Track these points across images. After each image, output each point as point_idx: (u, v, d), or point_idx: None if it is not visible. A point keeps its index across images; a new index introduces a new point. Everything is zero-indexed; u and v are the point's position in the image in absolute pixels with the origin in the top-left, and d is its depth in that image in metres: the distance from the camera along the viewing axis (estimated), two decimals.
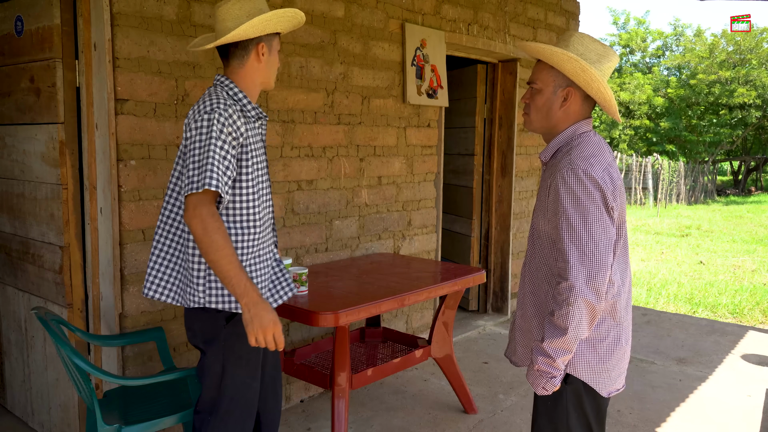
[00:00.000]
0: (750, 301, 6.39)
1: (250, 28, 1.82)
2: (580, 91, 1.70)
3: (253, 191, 1.86)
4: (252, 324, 1.72)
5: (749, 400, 3.58)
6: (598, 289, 1.54)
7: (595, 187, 1.56)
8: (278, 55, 1.98)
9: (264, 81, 1.94)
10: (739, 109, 21.67)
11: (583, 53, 1.66)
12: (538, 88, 1.72)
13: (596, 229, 1.56)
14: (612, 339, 1.69)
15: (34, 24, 2.65)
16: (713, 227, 13.11)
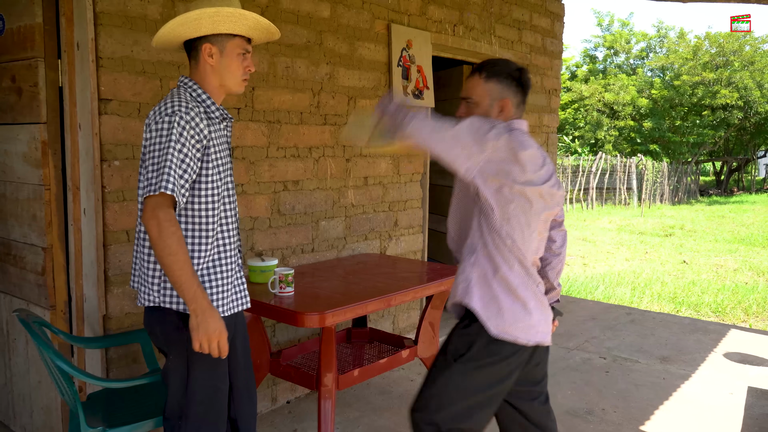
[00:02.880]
0: (732, 300, 6.47)
1: (178, 27, 1.82)
2: (513, 100, 1.87)
3: (213, 194, 1.84)
4: (197, 331, 1.72)
5: (731, 397, 3.62)
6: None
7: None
8: (250, 57, 1.92)
9: (223, 84, 1.90)
10: (721, 111, 21.93)
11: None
12: (474, 102, 1.88)
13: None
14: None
15: (15, 23, 2.62)
16: (696, 227, 13.26)
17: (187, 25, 1.81)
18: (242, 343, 2.07)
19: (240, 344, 2.05)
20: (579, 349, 4.40)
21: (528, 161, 1.75)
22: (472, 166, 1.74)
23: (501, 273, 1.83)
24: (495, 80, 1.86)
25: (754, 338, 4.81)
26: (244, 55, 1.90)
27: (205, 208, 1.83)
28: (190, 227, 1.83)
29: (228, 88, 1.91)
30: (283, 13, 3.17)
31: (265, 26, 1.90)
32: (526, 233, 1.82)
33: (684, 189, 22.25)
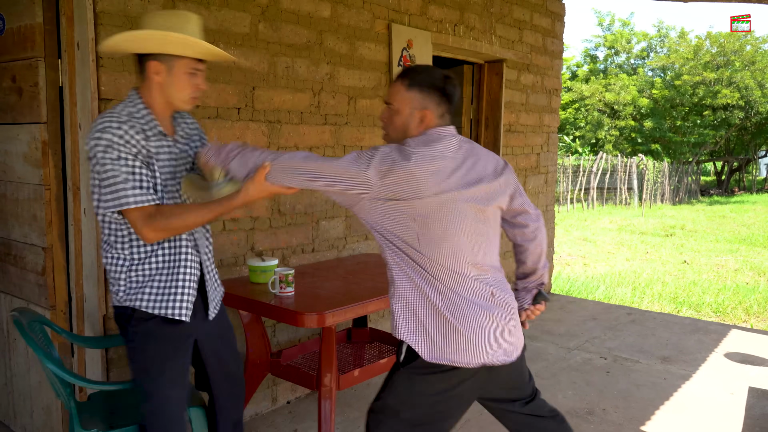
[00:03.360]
0: (733, 300, 6.46)
1: (124, 43, 1.79)
2: (436, 111, 1.79)
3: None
4: (248, 192, 1.75)
5: (732, 397, 3.62)
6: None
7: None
8: (201, 75, 1.87)
9: (169, 101, 1.85)
10: (722, 110, 21.92)
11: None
12: (395, 109, 1.82)
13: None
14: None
15: (15, 23, 2.62)
16: (697, 227, 13.26)
17: (134, 42, 1.78)
18: (217, 350, 2.05)
19: (213, 351, 2.03)
20: (580, 349, 4.40)
21: (428, 177, 1.66)
22: (361, 207, 1.72)
23: (426, 298, 1.75)
24: (417, 89, 1.78)
25: (755, 338, 4.80)
26: (193, 74, 1.85)
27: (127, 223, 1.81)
28: (120, 236, 1.82)
29: (173, 105, 1.87)
30: (283, 12, 3.17)
31: (216, 53, 1.86)
32: (446, 244, 1.71)
33: (685, 189, 22.24)
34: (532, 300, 2.06)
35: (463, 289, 1.74)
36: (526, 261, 2.04)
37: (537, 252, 2.03)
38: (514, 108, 5.07)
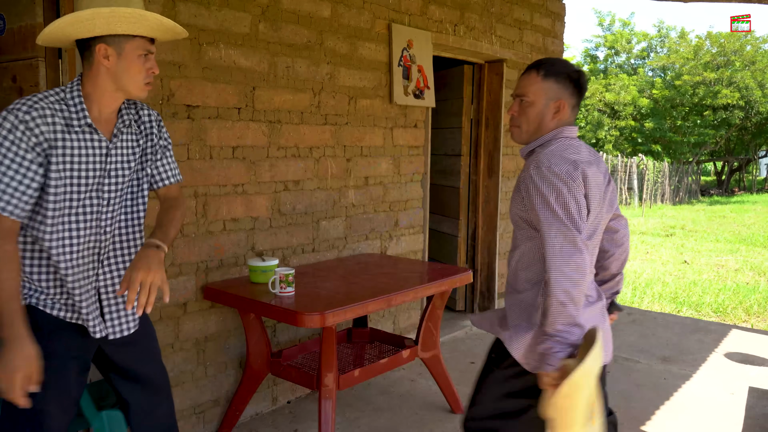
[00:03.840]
0: (733, 300, 6.46)
1: (68, 27, 1.62)
2: (569, 102, 1.80)
3: (47, 207, 1.64)
4: (0, 360, 1.55)
5: (732, 397, 3.62)
6: (571, 276, 1.59)
7: (559, 180, 1.66)
8: (153, 58, 1.72)
9: (121, 88, 1.69)
10: (722, 110, 21.91)
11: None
12: (530, 101, 1.81)
13: (559, 223, 1.64)
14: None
15: (16, 22, 2.62)
16: (697, 227, 13.26)
17: (79, 25, 1.61)
18: (127, 364, 1.88)
19: (120, 369, 1.87)
20: None
21: (584, 190, 1.72)
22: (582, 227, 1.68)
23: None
24: (553, 79, 1.78)
25: (756, 338, 4.80)
26: (146, 56, 1.69)
27: (36, 211, 1.66)
28: (28, 238, 1.69)
29: (128, 92, 1.71)
30: (283, 12, 3.17)
31: (170, 27, 1.70)
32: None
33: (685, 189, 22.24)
34: (607, 310, 2.02)
35: (588, 289, 1.81)
36: (611, 266, 2.00)
37: (622, 258, 2.01)
38: None
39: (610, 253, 1.97)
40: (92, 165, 1.70)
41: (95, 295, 1.78)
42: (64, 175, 1.65)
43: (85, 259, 1.73)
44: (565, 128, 1.80)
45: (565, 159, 1.70)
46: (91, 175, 1.70)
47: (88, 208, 1.72)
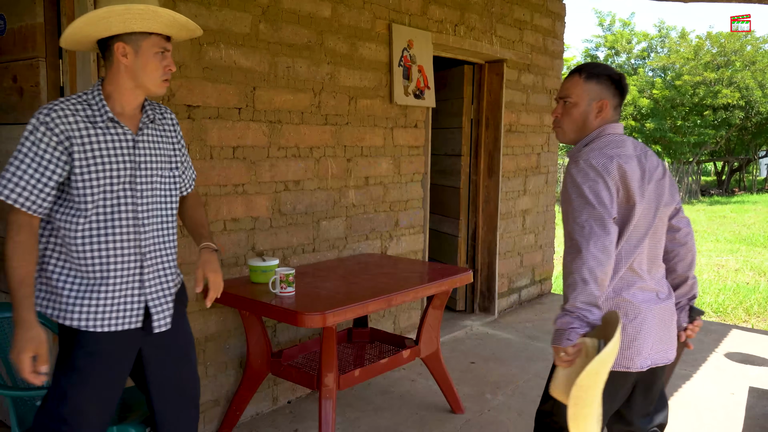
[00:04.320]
0: (733, 300, 6.46)
1: (85, 27, 1.68)
2: (612, 102, 1.88)
3: (80, 201, 1.70)
4: (12, 344, 1.65)
5: (732, 397, 3.62)
6: (597, 256, 1.64)
7: (593, 171, 1.73)
8: (169, 55, 1.78)
9: (139, 85, 1.75)
10: (723, 110, 21.90)
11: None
12: (573, 102, 1.89)
13: (591, 208, 1.69)
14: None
15: (16, 23, 2.63)
16: (697, 227, 13.25)
17: (95, 24, 1.67)
18: (167, 369, 1.91)
19: (161, 370, 1.89)
20: None
21: (624, 184, 1.77)
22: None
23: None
24: (595, 81, 1.88)
25: (756, 338, 4.80)
26: (162, 53, 1.76)
27: (67, 213, 1.72)
28: (54, 233, 1.75)
29: (146, 89, 1.77)
30: (284, 12, 3.17)
31: (183, 23, 1.76)
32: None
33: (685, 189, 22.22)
34: (688, 317, 2.02)
35: (659, 285, 1.93)
36: (677, 268, 1.99)
37: (688, 259, 1.99)
38: (515, 108, 5.08)
39: (674, 253, 1.98)
40: (120, 158, 1.75)
41: (140, 288, 1.82)
42: (93, 169, 1.70)
43: (127, 252, 1.78)
44: (609, 126, 1.88)
45: (603, 153, 1.76)
46: (122, 167, 1.75)
47: (122, 200, 1.76)
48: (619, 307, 1.80)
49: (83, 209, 1.70)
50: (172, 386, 1.93)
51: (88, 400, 1.77)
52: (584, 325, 1.65)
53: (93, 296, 1.74)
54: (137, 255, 1.80)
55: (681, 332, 2.01)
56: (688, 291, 2.01)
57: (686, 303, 2.02)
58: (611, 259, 1.65)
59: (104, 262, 1.74)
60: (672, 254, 1.98)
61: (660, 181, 1.87)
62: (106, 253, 1.74)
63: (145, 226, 1.80)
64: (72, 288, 1.74)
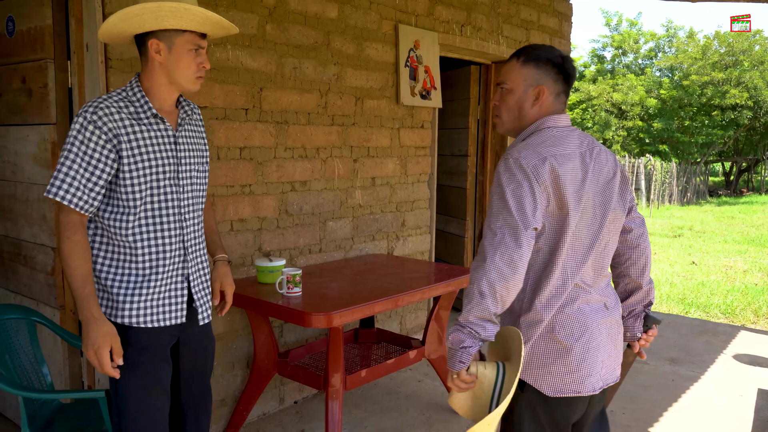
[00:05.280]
0: (742, 301, 6.42)
1: (120, 23, 1.70)
2: (552, 88, 1.68)
3: (128, 198, 1.73)
4: (82, 341, 1.68)
5: (741, 399, 3.60)
6: (501, 269, 1.48)
7: (521, 173, 1.54)
8: (203, 53, 1.79)
9: (173, 82, 1.77)
10: (731, 110, 21.79)
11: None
12: (508, 88, 1.70)
13: (508, 214, 1.52)
14: (553, 339, 1.61)
15: (25, 24, 2.64)
16: (705, 228, 13.18)
17: (129, 20, 1.70)
18: (194, 361, 1.97)
19: (190, 361, 1.95)
20: None
21: (555, 188, 1.57)
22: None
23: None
24: (533, 65, 1.67)
25: (764, 340, 4.77)
26: (196, 51, 1.76)
27: (115, 212, 1.74)
28: (99, 231, 1.77)
29: (180, 86, 1.79)
30: (290, 13, 3.18)
31: (216, 21, 1.76)
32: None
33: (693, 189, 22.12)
34: (643, 326, 1.84)
35: (604, 295, 1.75)
36: (629, 272, 1.81)
37: (641, 263, 1.81)
38: None
39: (626, 257, 1.80)
40: (164, 153, 1.78)
41: (184, 281, 1.87)
42: (141, 166, 1.73)
43: (174, 246, 1.82)
44: (550, 117, 1.67)
45: (536, 152, 1.57)
46: (166, 163, 1.79)
47: (169, 195, 1.80)
48: (564, 326, 1.60)
49: (132, 206, 1.74)
50: (199, 378, 1.99)
51: (151, 393, 1.81)
52: (476, 342, 1.52)
53: (143, 292, 1.77)
54: (181, 249, 1.85)
55: (635, 342, 1.85)
56: (644, 297, 1.83)
57: (641, 310, 1.84)
58: (517, 274, 1.49)
59: (153, 257, 1.78)
60: (623, 258, 1.80)
61: (610, 181, 1.67)
62: (156, 248, 1.78)
63: (187, 220, 1.86)
64: (121, 285, 1.77)
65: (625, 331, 1.83)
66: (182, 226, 1.84)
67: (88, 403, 2.31)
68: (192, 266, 1.89)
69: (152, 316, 1.80)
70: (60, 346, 2.72)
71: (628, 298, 1.83)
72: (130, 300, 1.76)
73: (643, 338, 1.84)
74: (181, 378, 1.94)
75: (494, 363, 1.58)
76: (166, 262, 1.80)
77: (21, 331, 2.26)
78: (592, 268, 1.66)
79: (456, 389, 1.59)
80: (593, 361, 1.62)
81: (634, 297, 1.82)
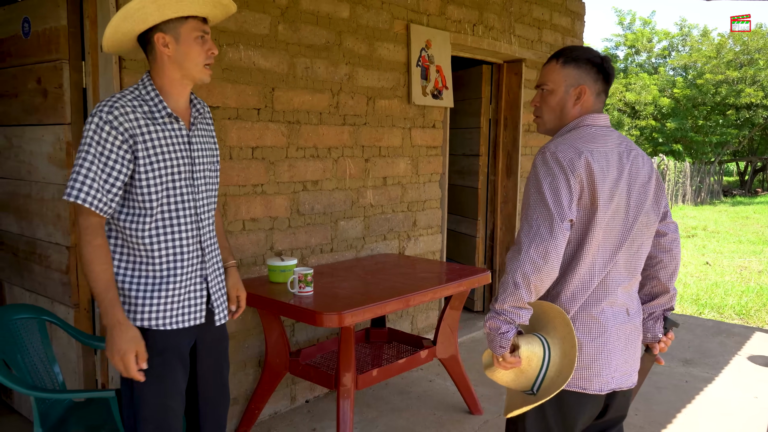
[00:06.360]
0: (756, 302, 6.36)
1: (122, 23, 1.68)
2: (593, 88, 1.72)
3: (144, 200, 1.71)
4: (107, 346, 1.67)
5: (756, 401, 3.56)
6: (535, 261, 1.53)
7: (557, 166, 1.58)
8: (209, 39, 1.77)
9: (185, 74, 1.75)
10: (745, 110, 21.56)
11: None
12: (549, 89, 1.74)
13: (544, 206, 1.57)
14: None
15: (41, 25, 2.67)
16: (719, 228, 13.06)
17: (131, 18, 1.67)
18: (212, 361, 1.96)
19: (208, 362, 1.95)
20: None
21: (589, 182, 1.60)
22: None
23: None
24: (573, 65, 1.71)
25: None
26: (202, 37, 1.74)
27: (131, 214, 1.73)
28: (114, 234, 1.75)
29: (192, 76, 1.76)
30: (302, 13, 3.18)
31: (217, 2, 1.73)
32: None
33: (707, 189, 21.91)
34: (663, 328, 1.85)
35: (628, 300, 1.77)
36: (659, 275, 1.82)
37: (671, 267, 1.82)
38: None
39: (658, 260, 1.81)
40: (179, 153, 1.77)
41: (203, 282, 1.86)
42: (156, 166, 1.72)
43: (192, 248, 1.82)
44: (589, 116, 1.71)
45: (572, 147, 1.61)
46: (182, 163, 1.78)
47: (186, 196, 1.79)
48: (584, 324, 1.65)
49: (148, 207, 1.72)
50: (217, 376, 2.00)
51: (168, 396, 1.81)
52: (513, 328, 1.59)
53: (162, 294, 1.76)
54: (199, 250, 1.85)
55: (654, 344, 1.86)
56: (667, 302, 1.85)
57: (661, 313, 1.85)
58: (550, 265, 1.54)
59: (171, 259, 1.77)
60: (655, 260, 1.81)
61: (645, 184, 1.69)
62: (173, 250, 1.77)
63: (203, 220, 1.85)
64: (139, 288, 1.75)
65: (645, 332, 1.85)
66: (199, 227, 1.84)
67: (101, 401, 2.33)
68: (210, 266, 1.88)
69: (171, 318, 1.79)
70: (74, 345, 2.74)
71: (652, 300, 1.84)
72: (149, 302, 1.75)
73: (663, 341, 1.85)
74: (198, 378, 1.94)
75: (538, 340, 1.64)
76: (184, 263, 1.80)
77: (32, 330, 2.27)
78: (625, 268, 1.69)
79: (503, 369, 1.65)
80: (605, 362, 1.65)
81: (658, 300, 1.84)
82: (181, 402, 1.85)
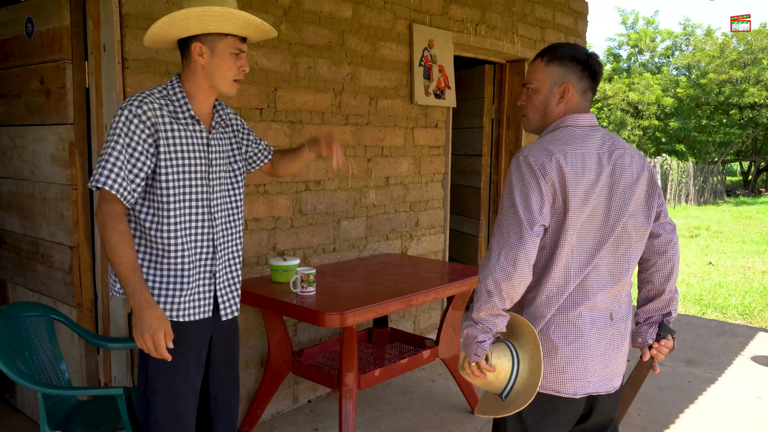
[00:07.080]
0: (760, 302, 6.34)
1: (166, 27, 1.77)
2: (578, 86, 1.68)
3: (162, 194, 1.78)
4: (135, 327, 1.70)
5: (759, 401, 3.55)
6: (505, 268, 1.53)
7: (529, 171, 1.56)
8: (244, 57, 1.86)
9: (213, 85, 1.84)
10: (749, 109, 21.51)
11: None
12: (534, 88, 1.72)
13: (514, 213, 1.56)
14: (547, 338, 1.63)
15: (44, 25, 2.67)
16: (723, 228, 13.03)
17: (175, 25, 1.77)
18: (223, 353, 2.02)
19: (219, 354, 2.00)
20: None
21: (562, 186, 1.57)
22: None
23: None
24: (557, 63, 1.68)
25: None
26: (237, 54, 1.84)
27: (151, 212, 1.79)
28: (132, 226, 1.81)
29: (218, 89, 1.86)
30: (305, 13, 3.18)
31: (257, 25, 1.83)
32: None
33: (710, 189, 21.87)
34: (656, 334, 1.77)
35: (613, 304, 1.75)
36: (653, 278, 1.76)
37: (666, 270, 1.75)
38: None
39: (651, 262, 1.75)
40: (198, 153, 1.86)
41: (212, 278, 1.92)
42: (175, 163, 1.80)
43: (204, 245, 1.89)
44: (570, 116, 1.67)
45: (545, 150, 1.57)
46: (199, 163, 1.86)
47: (200, 195, 1.87)
48: (560, 327, 1.62)
49: (166, 202, 1.79)
50: (228, 370, 2.05)
51: (181, 387, 1.86)
52: (489, 336, 1.60)
53: (177, 287, 1.83)
54: (210, 247, 1.91)
55: (645, 350, 1.77)
56: (663, 306, 1.77)
57: (659, 319, 1.78)
58: (521, 271, 1.53)
59: (186, 255, 1.84)
60: (649, 263, 1.75)
61: (632, 184, 1.62)
62: (188, 246, 1.84)
63: (215, 220, 1.91)
64: (155, 280, 1.82)
65: (636, 337, 1.79)
66: (212, 225, 1.90)
67: (105, 400, 2.33)
68: (220, 263, 1.94)
69: (185, 311, 1.86)
70: (77, 344, 2.75)
71: (647, 304, 1.79)
72: (165, 294, 1.82)
73: (655, 347, 1.76)
74: (210, 371, 2.00)
75: (509, 353, 1.64)
76: (195, 259, 1.87)
77: (40, 328, 2.29)
78: (608, 272, 1.64)
79: (472, 377, 1.67)
80: (581, 366, 1.62)
81: (653, 304, 1.77)
82: (193, 395, 1.90)
